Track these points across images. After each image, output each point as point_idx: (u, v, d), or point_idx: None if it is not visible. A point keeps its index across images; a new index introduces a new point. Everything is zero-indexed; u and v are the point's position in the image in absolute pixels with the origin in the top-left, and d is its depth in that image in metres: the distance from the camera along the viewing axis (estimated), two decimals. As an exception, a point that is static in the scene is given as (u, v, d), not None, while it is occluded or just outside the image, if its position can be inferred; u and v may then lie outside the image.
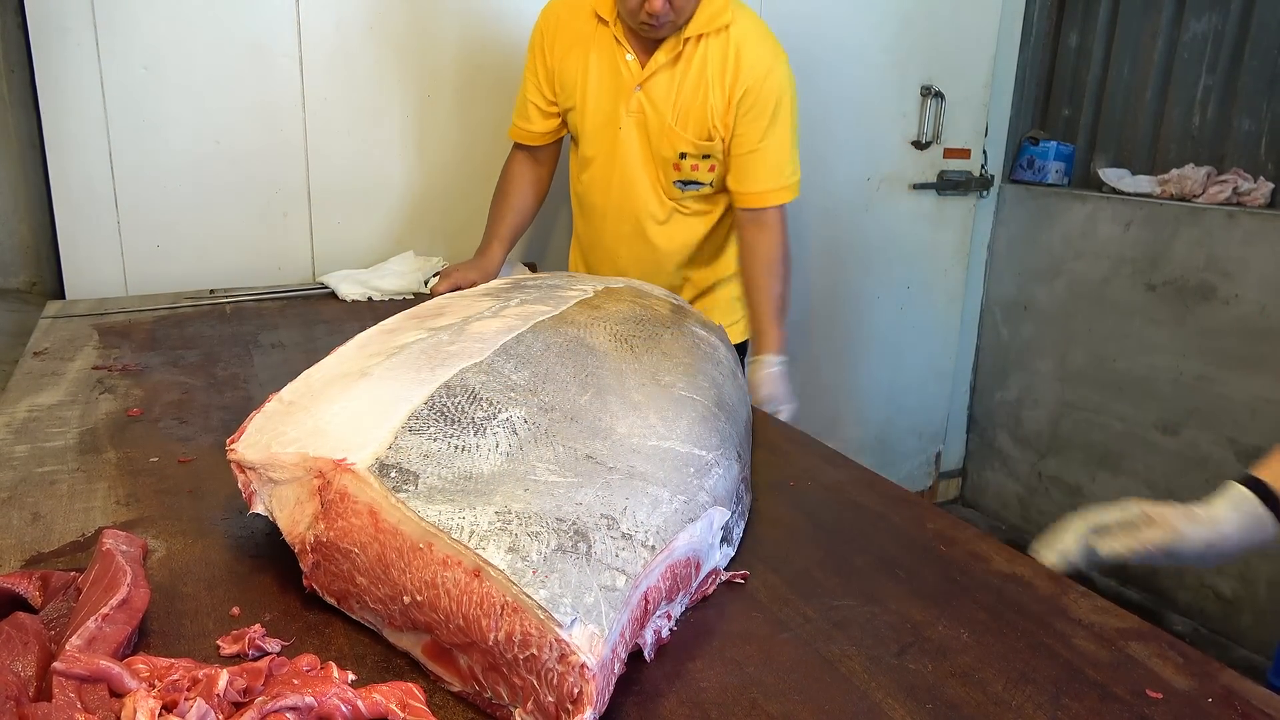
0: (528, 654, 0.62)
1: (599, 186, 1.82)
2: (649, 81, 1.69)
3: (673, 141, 1.71)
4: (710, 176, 1.75)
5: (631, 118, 1.73)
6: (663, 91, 1.69)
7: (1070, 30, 3.17)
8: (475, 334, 0.98)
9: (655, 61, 1.68)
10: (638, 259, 1.84)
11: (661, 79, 1.68)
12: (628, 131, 1.74)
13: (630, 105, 1.72)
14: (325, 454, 0.76)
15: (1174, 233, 2.71)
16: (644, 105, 1.71)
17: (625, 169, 1.77)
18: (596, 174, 1.82)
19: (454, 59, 2.15)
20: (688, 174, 1.75)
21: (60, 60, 1.77)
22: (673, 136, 1.71)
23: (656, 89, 1.69)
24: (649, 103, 1.70)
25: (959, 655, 0.77)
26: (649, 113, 1.71)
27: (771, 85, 1.66)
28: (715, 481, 0.86)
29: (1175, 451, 2.76)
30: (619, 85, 1.72)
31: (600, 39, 1.72)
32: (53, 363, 1.41)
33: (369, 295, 1.88)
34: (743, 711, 0.68)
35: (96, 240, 1.88)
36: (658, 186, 1.78)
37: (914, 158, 3.06)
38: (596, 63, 1.73)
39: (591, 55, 1.73)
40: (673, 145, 1.71)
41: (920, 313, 3.24)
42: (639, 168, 1.76)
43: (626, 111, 1.72)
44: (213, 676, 0.63)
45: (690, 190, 1.77)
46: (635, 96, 1.71)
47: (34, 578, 0.75)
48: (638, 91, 1.70)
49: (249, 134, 1.97)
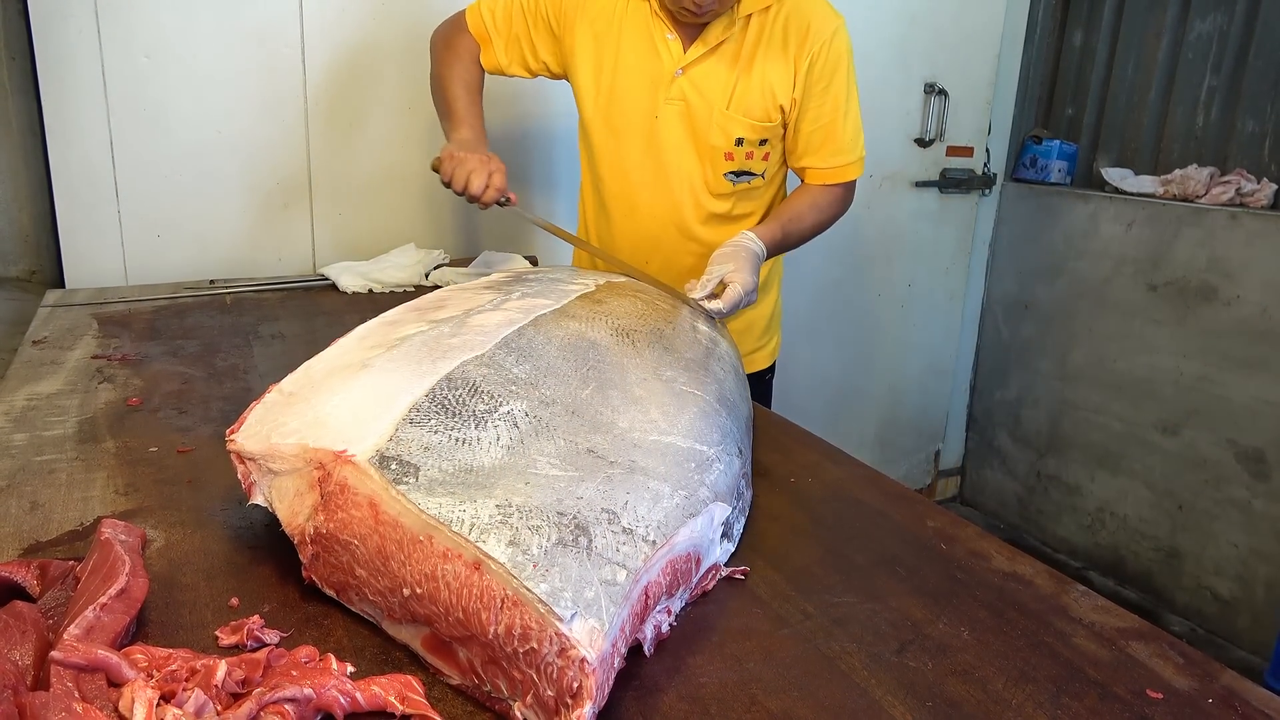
0: (528, 648, 0.62)
1: (627, 183, 1.63)
2: (693, 65, 1.52)
3: (726, 128, 1.54)
4: (764, 166, 1.59)
5: (672, 105, 1.54)
6: (712, 74, 1.52)
7: (1074, 29, 3.17)
8: (476, 327, 0.97)
9: (704, 42, 1.50)
10: (669, 264, 1.64)
11: (709, 61, 1.51)
12: (667, 121, 1.55)
13: (670, 92, 1.54)
14: (325, 445, 0.75)
15: (1176, 233, 2.71)
16: (687, 92, 1.53)
17: (662, 164, 1.59)
18: (627, 170, 1.62)
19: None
20: (741, 163, 1.57)
21: (61, 47, 1.77)
22: (726, 122, 1.53)
23: (703, 72, 1.52)
24: (694, 88, 1.53)
25: (959, 653, 0.77)
26: (694, 100, 1.53)
27: (839, 49, 1.52)
28: (716, 477, 0.86)
29: (1175, 452, 2.76)
30: (657, 70, 1.54)
31: (634, 13, 1.54)
32: (52, 352, 1.41)
33: (370, 287, 1.87)
34: (742, 707, 0.68)
35: (97, 229, 1.88)
36: (702, 183, 1.60)
37: (917, 155, 3.06)
38: (631, 42, 1.54)
39: (625, 34, 1.54)
40: (726, 132, 1.54)
41: (921, 311, 3.24)
42: (680, 162, 1.58)
43: (666, 99, 1.54)
44: (211, 667, 0.63)
45: (742, 183, 1.59)
46: (676, 82, 1.53)
47: (32, 566, 0.75)
48: (679, 76, 1.52)
49: (250, 124, 1.97)
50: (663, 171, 1.60)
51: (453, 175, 1.44)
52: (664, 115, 1.56)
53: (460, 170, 1.43)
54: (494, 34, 1.63)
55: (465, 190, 1.42)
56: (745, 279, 1.34)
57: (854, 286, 3.09)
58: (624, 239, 1.68)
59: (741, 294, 1.32)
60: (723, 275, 1.34)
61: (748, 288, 1.33)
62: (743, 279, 1.33)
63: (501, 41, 1.63)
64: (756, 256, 1.43)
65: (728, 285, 1.32)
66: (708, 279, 1.33)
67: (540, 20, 1.61)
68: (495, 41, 1.63)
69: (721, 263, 1.36)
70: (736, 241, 1.43)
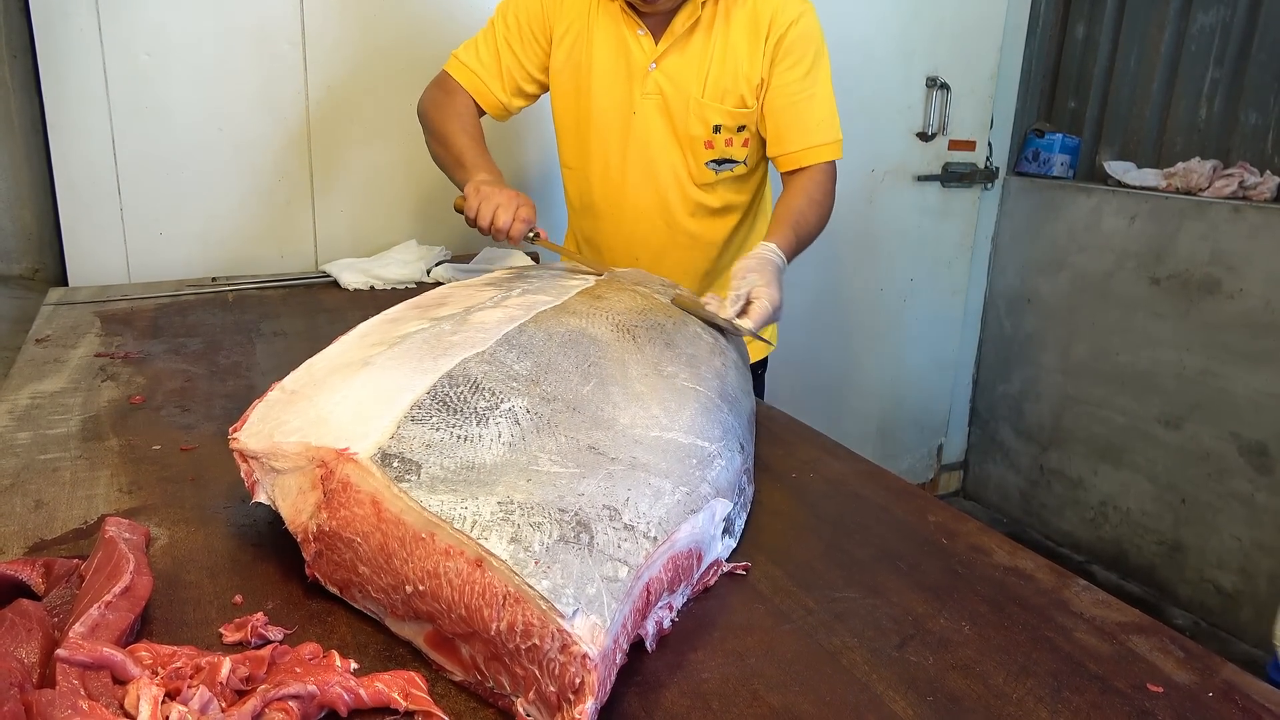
0: (530, 644, 0.62)
1: (611, 183, 1.64)
2: (665, 57, 1.53)
3: (704, 115, 1.54)
4: (744, 153, 1.59)
5: (649, 100, 1.55)
6: (684, 64, 1.53)
7: (1077, 22, 3.16)
8: (477, 324, 0.98)
9: (671, 33, 1.51)
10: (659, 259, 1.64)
11: (680, 51, 1.53)
12: (644, 116, 1.56)
13: (646, 87, 1.55)
14: (328, 443, 0.76)
15: (1179, 226, 2.71)
16: (661, 85, 1.54)
17: (645, 159, 1.59)
18: (608, 169, 1.63)
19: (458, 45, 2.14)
20: (721, 150, 1.58)
21: (63, 46, 1.77)
22: (703, 110, 1.54)
23: (675, 63, 1.53)
24: (668, 80, 1.54)
25: (960, 648, 0.77)
26: (669, 91, 1.54)
27: (807, 29, 1.51)
28: (718, 473, 0.86)
29: (1177, 445, 2.76)
30: (631, 67, 1.55)
31: (603, 14, 1.55)
32: (55, 350, 1.41)
33: (371, 284, 1.88)
34: (744, 703, 0.69)
35: (99, 227, 1.88)
36: (685, 174, 1.60)
37: (919, 149, 3.05)
38: (604, 42, 1.55)
39: (596, 35, 1.55)
40: (704, 119, 1.54)
41: (923, 305, 3.23)
42: (661, 155, 1.59)
43: (642, 94, 1.55)
44: (215, 664, 0.63)
45: (725, 171, 1.60)
46: (650, 76, 1.54)
47: (37, 565, 0.75)
48: (653, 70, 1.54)
49: (252, 121, 1.97)
50: (647, 166, 1.60)
51: (479, 210, 1.39)
52: (642, 110, 1.57)
53: (486, 205, 1.38)
54: (486, 77, 1.61)
55: (492, 225, 1.37)
56: (773, 294, 1.25)
57: (856, 281, 3.08)
58: (612, 237, 1.69)
59: (770, 309, 1.23)
60: (749, 290, 1.25)
61: (775, 303, 1.25)
62: (770, 294, 1.25)
63: (497, 81, 1.62)
64: (779, 269, 1.35)
65: (754, 301, 1.24)
66: (736, 295, 1.24)
67: (525, 37, 1.60)
68: (490, 83, 1.62)
69: (745, 275, 1.28)
70: (759, 254, 1.34)
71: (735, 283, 1.26)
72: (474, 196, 1.41)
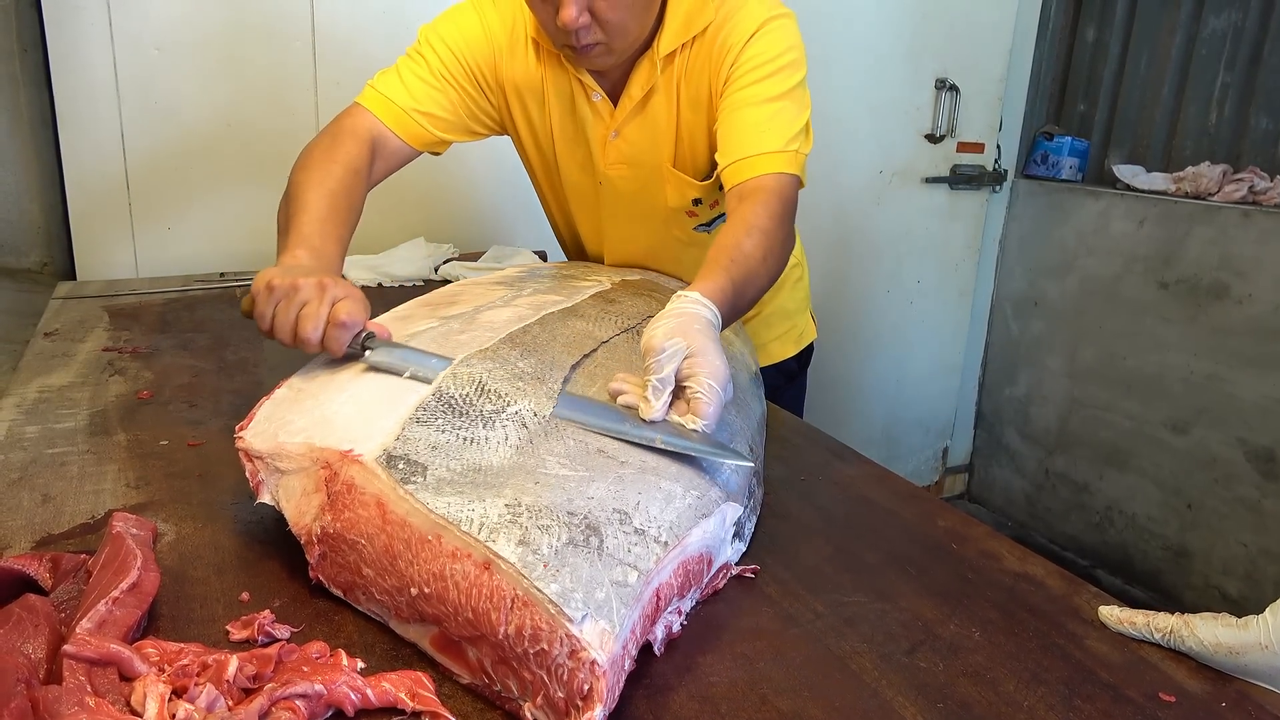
0: (538, 649, 0.62)
1: (592, 240, 1.48)
2: (625, 126, 1.29)
3: (679, 189, 1.32)
4: None
5: (615, 170, 1.33)
6: (647, 132, 1.29)
7: (1087, 25, 3.15)
8: (486, 323, 0.97)
9: (630, 95, 1.26)
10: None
11: (643, 117, 1.28)
12: (613, 189, 1.35)
13: (609, 157, 1.32)
14: (332, 445, 0.75)
15: (1188, 231, 2.70)
16: (626, 155, 1.31)
17: (629, 222, 1.41)
18: (587, 229, 1.48)
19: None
20: (707, 215, 1.38)
21: (73, 40, 1.77)
22: (681, 185, 1.32)
23: (638, 131, 1.29)
24: (633, 150, 1.30)
25: (970, 654, 0.76)
26: (635, 162, 1.32)
27: (767, 43, 1.20)
28: (728, 476, 0.85)
29: (1184, 450, 2.75)
30: (589, 135, 1.32)
31: (551, 75, 1.29)
32: (63, 344, 1.41)
33: (379, 281, 1.87)
34: (752, 707, 0.68)
35: (108, 222, 1.88)
36: (670, 238, 1.41)
37: (927, 151, 3.05)
38: (558, 107, 1.31)
39: (550, 98, 1.31)
40: (680, 193, 1.33)
41: (930, 307, 3.23)
42: (641, 224, 1.39)
43: (607, 164, 1.33)
44: (222, 662, 0.63)
45: (718, 225, 1.38)
46: (613, 145, 1.30)
47: (44, 559, 0.75)
48: (614, 139, 1.30)
49: (261, 117, 1.97)
50: (629, 228, 1.42)
51: (273, 317, 0.90)
52: (609, 182, 1.35)
53: (285, 307, 0.89)
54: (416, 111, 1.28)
55: (296, 338, 0.89)
56: (712, 365, 0.84)
57: (863, 282, 3.08)
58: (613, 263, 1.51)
59: (718, 391, 0.83)
60: (675, 371, 0.83)
61: (720, 378, 0.83)
62: (708, 367, 0.83)
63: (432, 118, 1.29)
64: (711, 325, 0.90)
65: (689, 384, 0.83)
66: (657, 381, 0.82)
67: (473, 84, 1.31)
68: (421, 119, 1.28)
69: (662, 348, 0.83)
70: (677, 310, 0.90)
71: (652, 360, 0.83)
72: (265, 297, 0.91)
